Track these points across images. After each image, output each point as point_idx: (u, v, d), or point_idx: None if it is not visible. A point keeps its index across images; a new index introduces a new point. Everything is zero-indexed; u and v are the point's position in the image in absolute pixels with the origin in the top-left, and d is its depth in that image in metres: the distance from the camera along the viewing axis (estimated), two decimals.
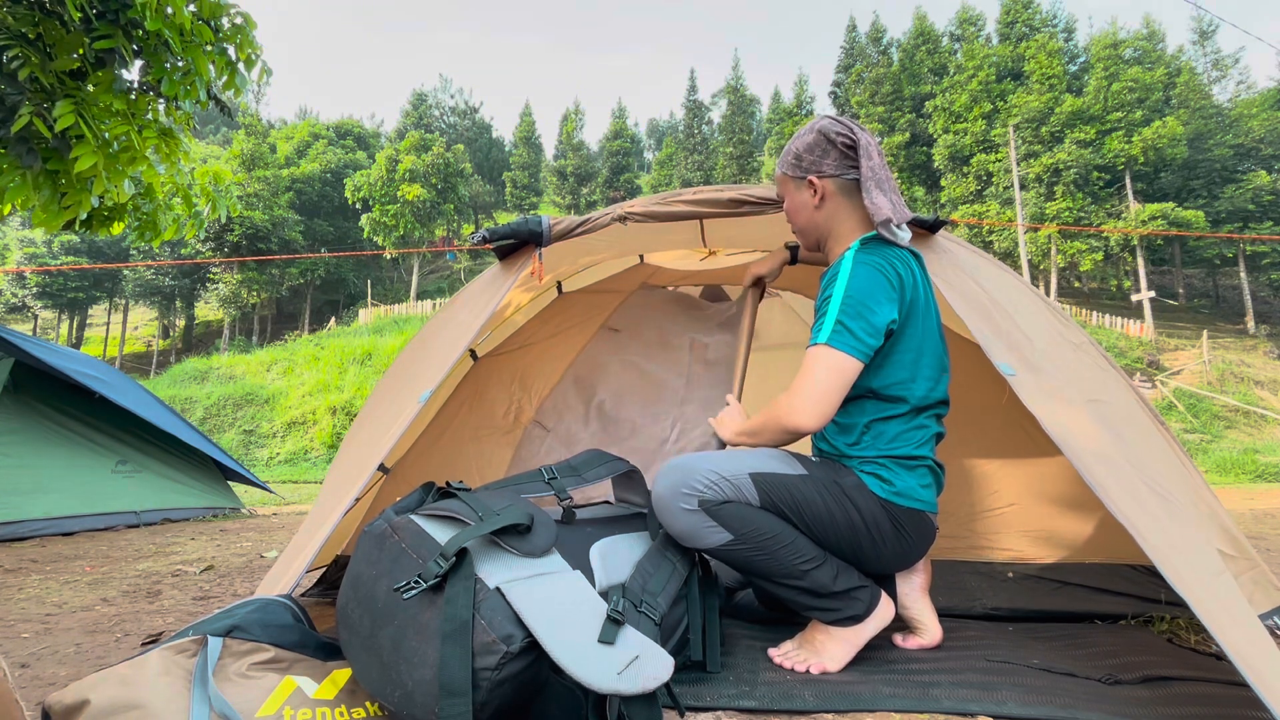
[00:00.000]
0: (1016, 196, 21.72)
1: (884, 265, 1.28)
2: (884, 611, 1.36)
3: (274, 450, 16.75)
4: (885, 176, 1.34)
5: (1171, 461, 1.41)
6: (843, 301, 1.25)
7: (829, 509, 1.30)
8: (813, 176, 1.40)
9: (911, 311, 1.31)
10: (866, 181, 1.33)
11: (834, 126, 1.38)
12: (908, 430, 1.33)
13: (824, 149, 1.38)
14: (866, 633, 1.33)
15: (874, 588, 1.37)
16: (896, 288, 1.28)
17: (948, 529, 2.01)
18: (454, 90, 51.64)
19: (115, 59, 2.76)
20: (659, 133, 76.08)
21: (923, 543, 1.39)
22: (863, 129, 1.39)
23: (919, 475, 1.34)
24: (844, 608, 1.31)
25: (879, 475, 1.31)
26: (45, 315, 34.85)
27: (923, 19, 31.32)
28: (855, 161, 1.36)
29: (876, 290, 1.25)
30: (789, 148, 1.45)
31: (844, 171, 1.38)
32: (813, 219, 1.43)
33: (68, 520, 3.87)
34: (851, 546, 1.33)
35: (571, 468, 1.48)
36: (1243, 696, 1.09)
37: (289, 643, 1.09)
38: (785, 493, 1.30)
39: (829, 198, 1.40)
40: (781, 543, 1.28)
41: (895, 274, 1.28)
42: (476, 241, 1.70)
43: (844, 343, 1.23)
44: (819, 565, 1.30)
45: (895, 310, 1.27)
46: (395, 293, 35.12)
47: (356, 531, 2.12)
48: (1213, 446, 14.14)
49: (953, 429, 2.10)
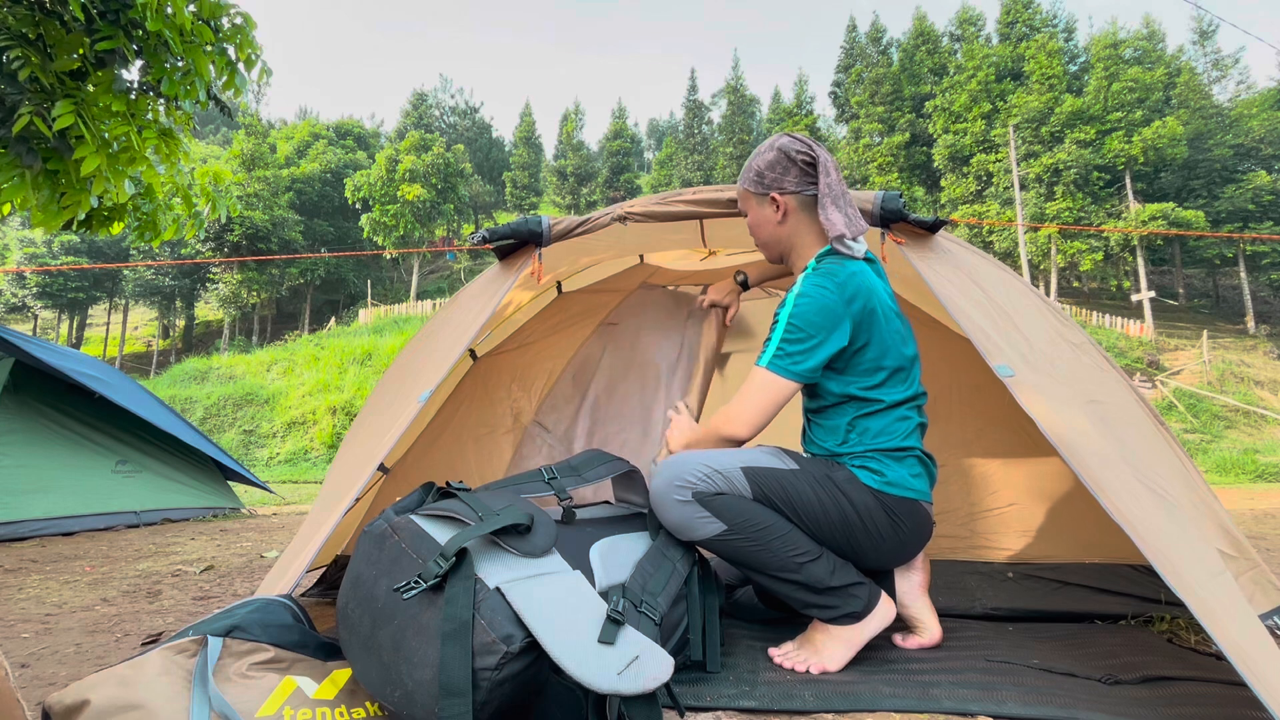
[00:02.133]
0: (1016, 196, 21.71)
1: (833, 289, 1.32)
2: (884, 611, 1.36)
3: (274, 450, 16.75)
4: (841, 192, 1.39)
5: (1171, 462, 1.41)
6: (786, 328, 1.33)
7: (821, 501, 1.32)
8: (775, 193, 1.45)
9: (870, 322, 1.35)
10: (823, 198, 1.38)
11: (794, 145, 1.43)
12: (891, 424, 1.36)
13: (785, 166, 1.43)
14: (867, 632, 1.33)
15: (873, 585, 1.37)
16: (844, 310, 1.32)
17: (948, 529, 2.01)
18: (454, 90, 51.72)
19: (116, 59, 2.76)
20: (659, 133, 76.09)
21: (919, 534, 1.39)
22: (821, 146, 1.44)
23: (908, 466, 1.37)
24: (841, 604, 1.31)
25: (869, 468, 1.35)
26: (45, 315, 34.85)
27: (922, 19, 31.33)
28: (815, 178, 1.42)
29: (821, 317, 1.31)
30: (750, 164, 1.48)
31: (804, 188, 1.43)
32: (776, 234, 1.49)
33: (68, 520, 3.87)
34: (847, 539, 1.34)
35: (571, 467, 1.48)
36: (1243, 696, 1.09)
37: (289, 643, 1.09)
38: (777, 485, 1.33)
39: (791, 213, 1.45)
40: (775, 534, 1.30)
41: (846, 294, 1.32)
42: (476, 241, 1.70)
43: (781, 367, 1.32)
44: (814, 559, 1.31)
45: (844, 334, 1.32)
46: (395, 293, 35.13)
47: (356, 531, 2.12)
48: (1213, 446, 14.14)
49: (953, 429, 2.11)
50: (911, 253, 1.49)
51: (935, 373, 2.16)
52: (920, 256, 1.49)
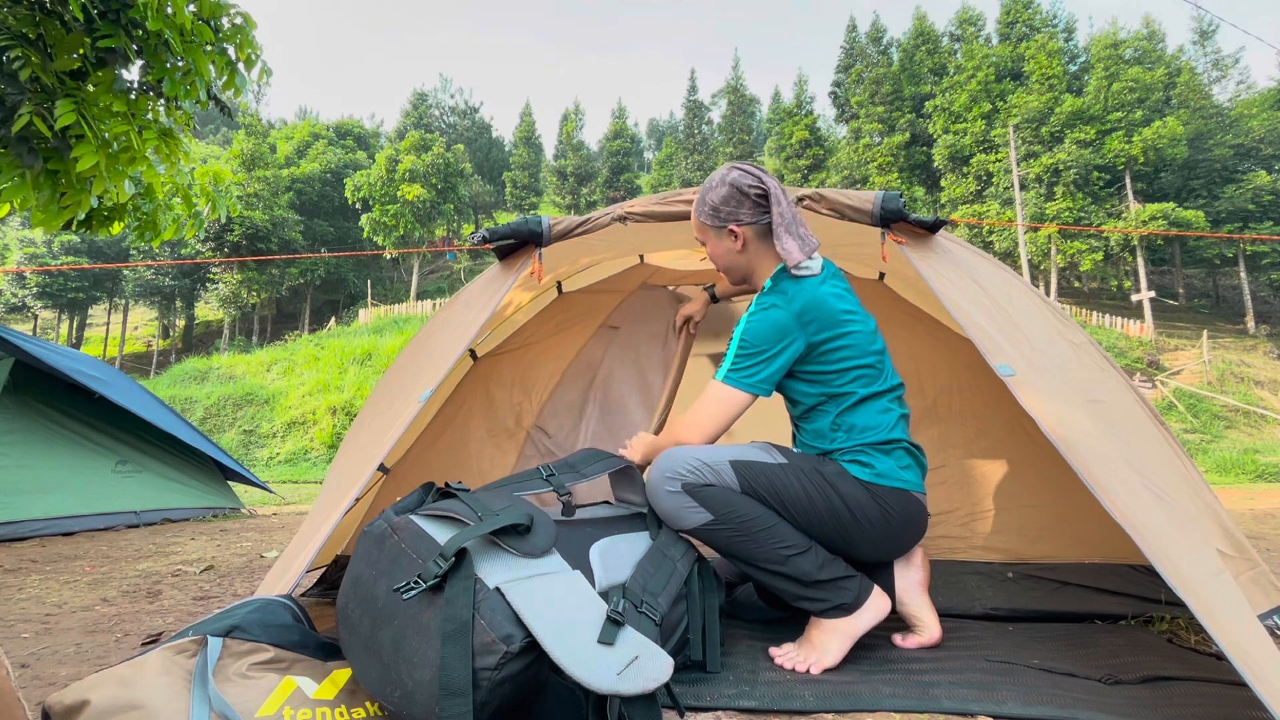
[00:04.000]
0: (1016, 196, 21.71)
1: (783, 304, 1.41)
2: (877, 603, 1.37)
3: (274, 450, 16.75)
4: (792, 217, 1.46)
5: (1171, 461, 1.41)
6: (739, 343, 1.42)
7: (809, 494, 1.36)
8: (732, 225, 1.50)
9: (827, 326, 1.40)
10: (777, 228, 1.44)
11: (744, 179, 1.48)
12: (874, 417, 1.41)
13: (738, 200, 1.49)
14: (860, 624, 1.34)
15: (863, 579, 1.38)
16: (795, 323, 1.39)
17: (948, 529, 2.01)
18: (454, 90, 51.73)
19: (116, 59, 2.76)
20: (659, 133, 76.07)
21: (912, 526, 1.41)
22: (769, 176, 1.49)
23: (897, 458, 1.40)
24: (831, 597, 1.33)
25: (859, 461, 1.39)
26: (45, 315, 34.84)
27: (922, 19, 31.32)
28: (768, 209, 1.48)
29: (771, 332, 1.39)
30: (704, 199, 1.53)
31: (759, 218, 1.49)
32: (736, 261, 1.56)
33: (68, 520, 3.86)
34: (837, 532, 1.37)
35: (569, 465, 1.48)
36: (1243, 696, 1.09)
37: (289, 643, 1.09)
38: (764, 479, 1.37)
39: (750, 242, 1.52)
40: (760, 525, 1.34)
41: (796, 308, 1.40)
42: (476, 241, 1.70)
43: (735, 380, 1.41)
44: (801, 552, 1.34)
45: (798, 345, 1.40)
46: (395, 293, 35.12)
47: (356, 531, 2.12)
48: (1213, 446, 14.14)
49: (953, 429, 2.11)
50: (912, 253, 1.49)
51: (935, 373, 2.17)
52: (921, 256, 1.49)
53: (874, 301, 2.29)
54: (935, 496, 2.04)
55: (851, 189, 1.65)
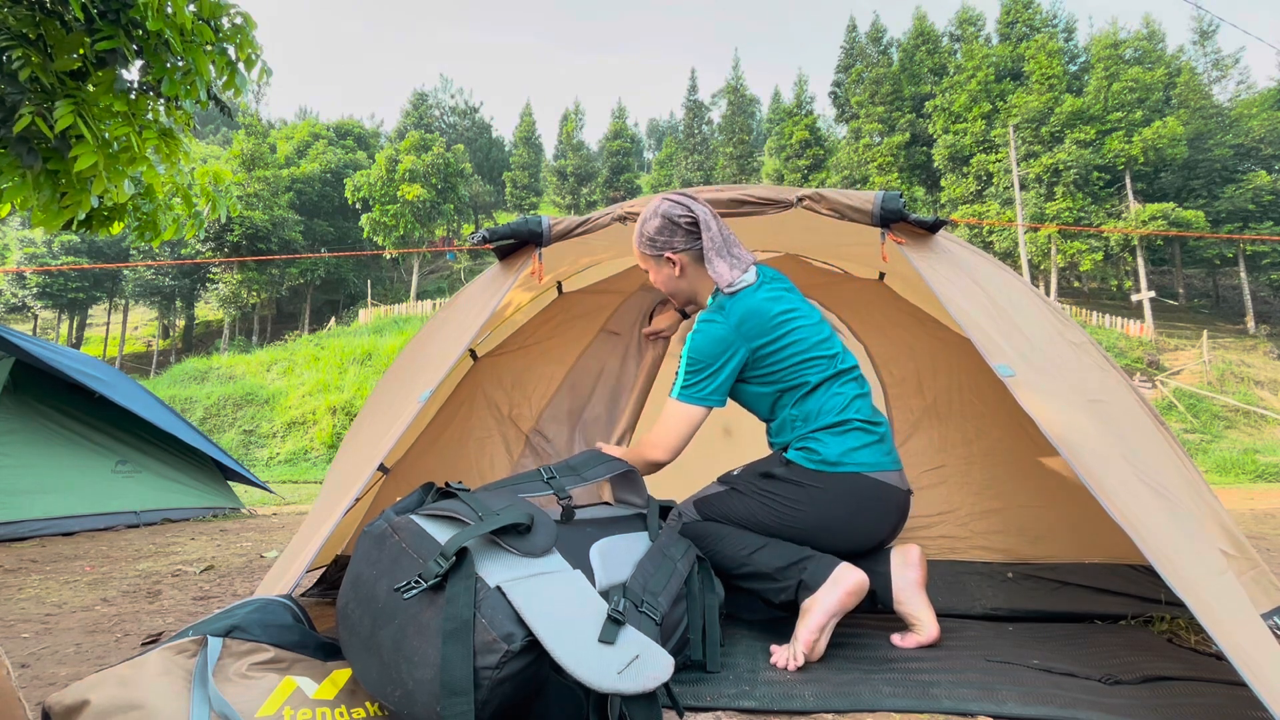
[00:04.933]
0: (1016, 196, 21.71)
1: (721, 319, 1.50)
2: (845, 576, 1.37)
3: (274, 450, 16.75)
4: (723, 239, 1.55)
5: (1171, 461, 1.41)
6: (687, 362, 1.52)
7: (750, 509, 1.49)
8: (668, 253, 1.59)
9: (768, 332, 1.49)
10: (708, 252, 1.54)
11: (674, 210, 1.57)
12: (826, 400, 1.47)
13: (671, 229, 1.57)
14: (829, 600, 1.35)
15: (824, 556, 1.42)
16: (736, 334, 1.49)
17: (948, 529, 2.01)
18: (454, 90, 51.71)
19: (116, 59, 2.75)
20: (659, 133, 76.07)
21: (876, 505, 1.43)
22: (698, 203, 1.58)
23: (851, 438, 1.44)
24: (793, 577, 1.40)
25: (807, 448, 1.46)
26: (45, 315, 34.82)
27: (922, 19, 31.30)
28: (699, 234, 1.57)
29: (714, 346, 1.49)
30: (641, 230, 1.62)
31: (692, 244, 1.58)
32: (678, 286, 1.65)
33: (68, 520, 3.86)
34: (790, 529, 1.45)
35: (570, 467, 1.48)
36: (1243, 696, 1.09)
37: (289, 643, 1.09)
38: (716, 507, 1.55)
39: (687, 267, 1.61)
40: (720, 535, 1.50)
41: (734, 319, 1.49)
42: (476, 241, 1.70)
43: (688, 396, 1.51)
44: (759, 549, 1.45)
45: (741, 354, 1.50)
46: (395, 293, 35.10)
47: (356, 531, 2.12)
48: (1213, 446, 14.13)
49: (953, 429, 2.11)
50: (912, 253, 1.49)
51: (935, 373, 2.17)
52: (920, 256, 1.49)
53: (874, 301, 2.30)
54: (935, 496, 2.04)
55: (851, 189, 1.65)
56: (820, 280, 2.38)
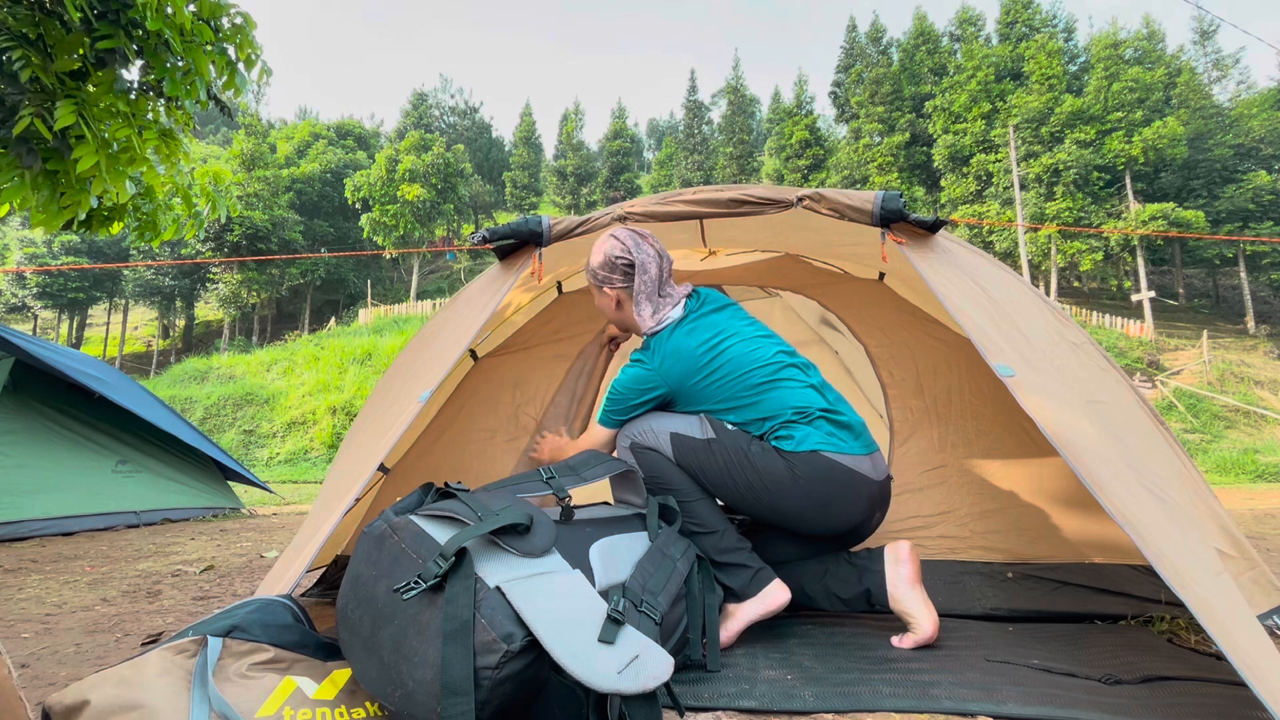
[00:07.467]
0: (1016, 196, 21.72)
1: (646, 359, 1.62)
2: (772, 594, 1.46)
3: (274, 450, 16.75)
4: (654, 286, 1.65)
5: (1171, 462, 1.41)
6: (610, 394, 1.66)
7: (728, 470, 1.51)
8: (607, 288, 1.70)
9: (697, 370, 1.56)
10: (637, 295, 1.66)
11: (615, 249, 1.66)
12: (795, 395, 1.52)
13: (611, 267, 1.67)
14: (749, 612, 1.46)
15: (763, 571, 1.49)
16: (655, 379, 1.60)
17: (948, 529, 2.01)
18: (454, 90, 51.76)
19: (116, 59, 2.75)
20: (659, 133, 76.06)
21: (832, 485, 1.45)
22: (644, 243, 1.66)
23: (817, 426, 1.49)
24: (725, 579, 1.48)
25: (780, 435, 1.50)
26: (45, 315, 34.81)
27: (922, 19, 31.31)
28: (634, 277, 1.66)
29: (634, 385, 1.62)
30: (590, 260, 1.72)
31: (627, 283, 1.68)
32: (617, 316, 1.75)
33: (68, 520, 3.86)
34: (758, 501, 1.50)
35: (570, 467, 1.48)
36: (1243, 696, 1.09)
37: (289, 643, 1.09)
38: (692, 453, 1.55)
39: (624, 302, 1.71)
40: (681, 498, 1.53)
41: (656, 361, 1.60)
42: (476, 241, 1.70)
43: (609, 421, 1.67)
44: (709, 534, 1.51)
45: (658, 391, 1.61)
46: (395, 293, 35.11)
47: (356, 531, 2.12)
48: (1213, 446, 14.14)
49: (953, 429, 2.11)
50: (912, 253, 1.49)
51: (935, 373, 2.17)
52: (920, 256, 1.49)
53: (874, 301, 2.30)
54: (935, 496, 2.04)
55: (851, 189, 1.65)
56: (820, 280, 2.38)
